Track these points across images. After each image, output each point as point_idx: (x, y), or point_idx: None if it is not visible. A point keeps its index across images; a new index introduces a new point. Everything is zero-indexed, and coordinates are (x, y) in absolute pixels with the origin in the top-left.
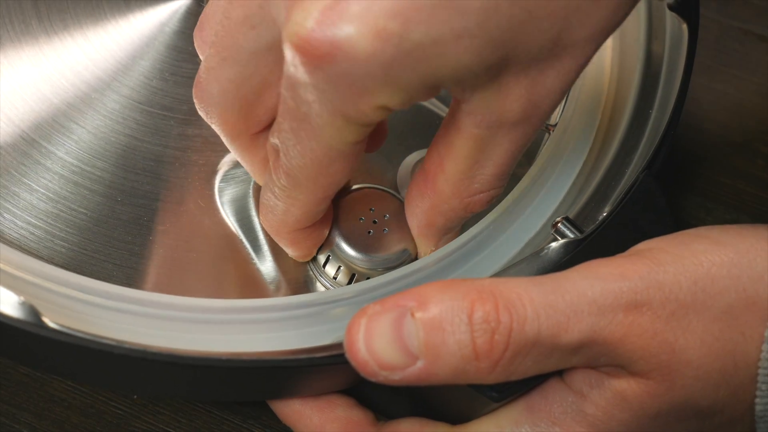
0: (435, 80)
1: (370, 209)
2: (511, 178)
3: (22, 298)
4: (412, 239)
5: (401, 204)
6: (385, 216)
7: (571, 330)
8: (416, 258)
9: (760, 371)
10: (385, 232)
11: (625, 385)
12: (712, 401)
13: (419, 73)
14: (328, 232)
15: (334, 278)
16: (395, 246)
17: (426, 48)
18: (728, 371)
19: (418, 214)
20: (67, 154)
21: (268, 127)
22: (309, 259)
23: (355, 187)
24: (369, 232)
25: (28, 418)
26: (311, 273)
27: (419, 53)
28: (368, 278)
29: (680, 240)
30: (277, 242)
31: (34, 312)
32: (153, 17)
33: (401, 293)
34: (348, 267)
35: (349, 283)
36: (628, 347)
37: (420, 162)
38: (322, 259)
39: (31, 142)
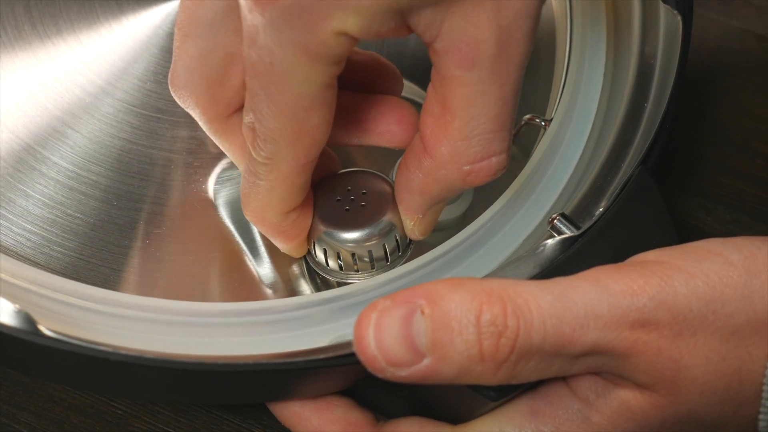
0: None
1: (347, 188)
2: (507, 174)
3: (17, 306)
4: (393, 210)
5: (381, 179)
6: (362, 192)
7: (575, 342)
8: (402, 233)
9: (764, 388)
10: (363, 206)
11: (629, 396)
12: (717, 416)
13: None
14: (311, 219)
15: (327, 265)
16: (376, 219)
17: None
18: (733, 388)
19: (413, 180)
20: (63, 159)
21: (241, 109)
22: (303, 254)
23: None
24: (347, 209)
25: (28, 418)
26: (308, 268)
27: None
28: (353, 254)
29: (692, 256)
30: (265, 234)
31: (29, 320)
32: (146, 20)
33: (411, 289)
34: (334, 249)
35: (339, 266)
36: (632, 361)
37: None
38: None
39: (26, 148)
